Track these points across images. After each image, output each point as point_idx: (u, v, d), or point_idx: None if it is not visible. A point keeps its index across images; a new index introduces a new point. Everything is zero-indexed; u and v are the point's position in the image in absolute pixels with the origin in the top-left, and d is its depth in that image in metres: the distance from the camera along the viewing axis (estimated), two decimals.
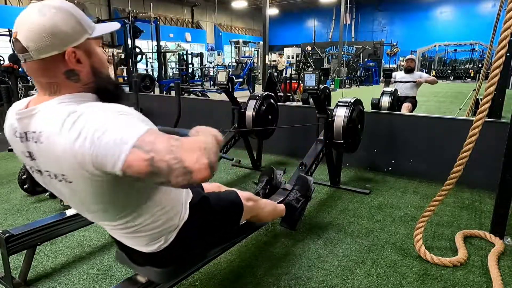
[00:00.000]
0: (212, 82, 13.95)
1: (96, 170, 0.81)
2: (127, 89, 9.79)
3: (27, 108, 0.91)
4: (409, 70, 5.21)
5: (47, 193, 2.69)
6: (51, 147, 0.84)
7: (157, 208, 1.07)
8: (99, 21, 9.85)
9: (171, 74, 15.36)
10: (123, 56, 11.30)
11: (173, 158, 0.74)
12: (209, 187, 1.56)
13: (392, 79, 5.18)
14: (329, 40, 26.16)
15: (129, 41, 9.71)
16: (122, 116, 0.82)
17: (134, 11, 17.99)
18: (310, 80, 2.63)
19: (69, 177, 0.87)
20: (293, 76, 10.15)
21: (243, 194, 1.48)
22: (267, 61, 10.79)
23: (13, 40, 0.88)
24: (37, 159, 0.91)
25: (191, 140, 0.82)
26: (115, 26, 1.03)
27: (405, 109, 4.79)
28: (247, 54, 17.84)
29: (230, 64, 18.57)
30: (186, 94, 9.74)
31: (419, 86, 5.16)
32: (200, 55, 16.42)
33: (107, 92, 0.97)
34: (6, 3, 16.21)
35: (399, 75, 5.29)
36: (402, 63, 18.41)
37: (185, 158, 0.75)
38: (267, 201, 1.80)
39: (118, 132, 0.76)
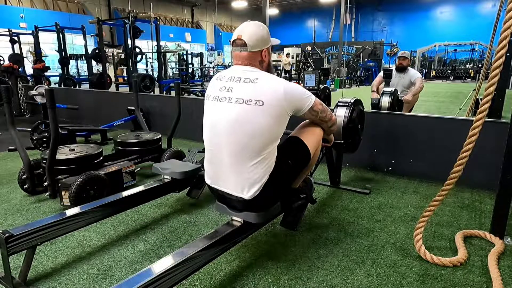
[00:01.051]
0: None
1: (291, 106, 1.65)
2: (127, 89, 9.81)
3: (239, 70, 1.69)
4: (401, 69, 4.71)
5: (47, 193, 2.69)
6: (265, 85, 1.58)
7: (272, 153, 1.66)
8: (99, 21, 9.82)
9: (171, 74, 15.38)
10: (123, 56, 11.30)
11: (326, 111, 1.86)
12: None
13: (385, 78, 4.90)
14: (329, 40, 26.18)
15: (129, 41, 9.71)
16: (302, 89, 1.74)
17: (134, 11, 17.99)
18: (310, 80, 2.63)
19: (265, 102, 1.56)
20: (293, 76, 10.14)
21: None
22: None
23: (237, 39, 1.65)
24: (236, 92, 1.60)
25: (327, 107, 1.87)
26: (278, 40, 1.84)
27: (405, 103, 4.52)
28: None
29: (230, 64, 18.56)
30: (186, 94, 9.75)
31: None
32: (200, 55, 16.44)
33: (271, 73, 1.73)
34: (6, 3, 16.18)
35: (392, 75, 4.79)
36: None
37: (331, 115, 1.90)
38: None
39: (307, 94, 1.73)
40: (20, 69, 9.90)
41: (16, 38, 11.26)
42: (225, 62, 22.13)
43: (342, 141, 2.74)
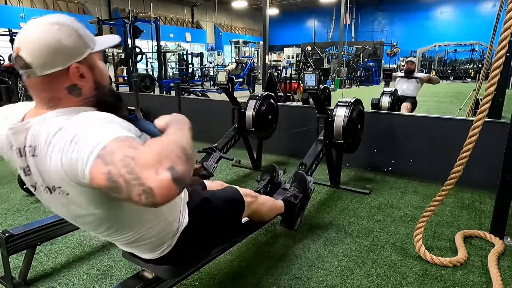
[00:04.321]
0: (212, 82, 13.94)
1: (74, 182, 0.79)
2: (127, 89, 9.81)
3: (22, 122, 0.90)
4: (409, 72, 5.24)
5: None
6: (44, 160, 0.83)
7: (153, 217, 1.06)
8: (99, 21, 9.82)
9: (171, 74, 15.36)
10: (123, 56, 11.30)
11: (129, 173, 0.65)
12: (212, 185, 1.56)
13: (394, 80, 5.20)
14: (329, 40, 26.17)
15: (129, 41, 9.70)
16: (99, 122, 0.79)
17: (134, 11, 18.00)
18: (310, 80, 2.63)
19: (65, 188, 0.86)
20: (293, 76, 10.14)
21: (242, 191, 1.49)
22: (267, 61, 10.79)
23: (15, 56, 0.87)
24: (33, 173, 0.92)
25: (155, 144, 0.71)
26: (115, 39, 1.02)
27: (404, 109, 4.80)
28: (247, 54, 17.84)
29: (230, 64, 18.56)
30: (186, 94, 9.74)
31: (422, 85, 5.19)
32: (200, 55, 16.41)
33: (106, 104, 0.95)
34: (6, 3, 16.19)
35: (399, 79, 5.30)
36: (402, 63, 18.45)
37: (143, 174, 0.65)
38: (266, 197, 1.82)
39: (88, 141, 0.72)
40: None
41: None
42: (225, 62, 22.11)
43: (342, 141, 2.74)
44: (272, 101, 3.47)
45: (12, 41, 11.06)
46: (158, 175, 0.65)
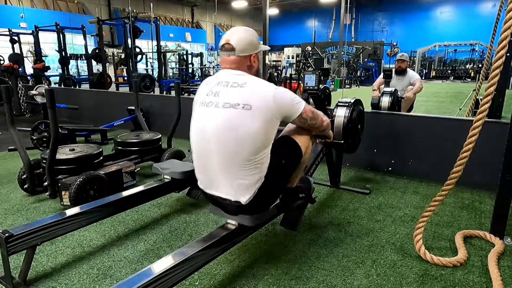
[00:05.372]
0: None
1: (279, 111, 1.55)
2: (127, 89, 9.81)
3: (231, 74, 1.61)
4: (400, 72, 4.74)
5: (47, 193, 2.68)
6: (253, 89, 1.52)
7: (265, 158, 1.59)
8: (99, 21, 9.82)
9: (171, 74, 15.38)
10: (123, 56, 11.30)
11: (319, 118, 1.80)
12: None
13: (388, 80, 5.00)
14: (329, 40, 26.16)
15: (129, 41, 9.70)
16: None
17: (134, 11, 17.99)
18: (310, 80, 2.63)
19: (253, 106, 1.49)
20: (293, 76, 10.13)
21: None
22: (267, 61, 10.78)
23: (225, 43, 1.59)
24: (223, 96, 1.54)
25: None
26: (268, 47, 1.90)
27: (405, 100, 4.52)
28: None
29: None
30: (186, 94, 9.74)
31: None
32: (200, 55, 16.42)
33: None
34: (6, 3, 16.18)
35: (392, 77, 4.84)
36: None
37: (322, 121, 1.83)
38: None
39: (296, 98, 1.63)
40: (20, 69, 9.89)
41: (16, 38, 11.26)
42: None
43: (342, 141, 2.74)
44: None
45: (12, 41, 11.08)
46: (324, 123, 1.85)
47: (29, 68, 11.99)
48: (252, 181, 1.59)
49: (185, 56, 15.00)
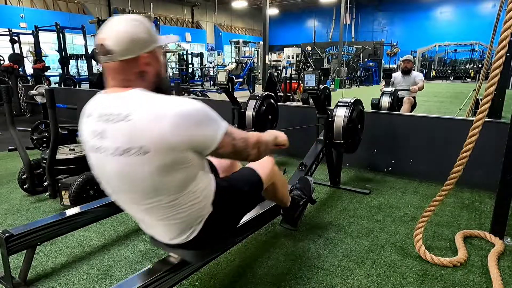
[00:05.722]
0: (212, 82, 13.94)
1: (187, 143, 1.05)
2: None
3: (111, 94, 1.12)
4: (406, 72, 5.18)
5: (47, 193, 2.68)
6: (141, 120, 1.02)
7: (192, 197, 1.18)
8: (99, 21, 9.82)
9: (171, 74, 15.37)
10: None
11: (247, 138, 1.20)
12: (222, 163, 1.61)
13: (392, 80, 5.16)
14: (329, 40, 26.17)
15: None
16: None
17: (134, 11, 18.00)
18: (310, 80, 2.63)
19: (148, 148, 1.02)
20: (293, 76, 10.13)
21: (260, 165, 1.53)
22: (267, 61, 10.78)
23: (99, 44, 1.08)
24: (110, 138, 1.07)
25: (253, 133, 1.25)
26: (174, 38, 1.34)
27: (406, 103, 4.75)
28: (247, 54, 17.84)
29: (230, 64, 18.56)
30: (186, 94, 9.74)
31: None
32: (200, 55, 16.43)
33: (161, 90, 1.15)
34: (6, 3, 16.18)
35: (397, 76, 5.23)
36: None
37: (254, 139, 1.22)
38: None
39: (209, 116, 1.08)
40: (20, 69, 9.89)
41: (16, 38, 11.25)
42: (225, 62, 22.12)
43: (342, 141, 2.74)
44: (272, 101, 3.47)
45: (12, 41, 11.08)
46: (256, 139, 1.25)
47: (29, 68, 11.99)
48: (191, 218, 1.23)
49: (185, 56, 15.00)
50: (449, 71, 21.51)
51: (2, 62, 10.49)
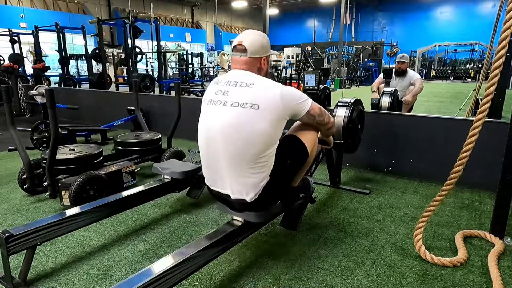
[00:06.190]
0: None
1: (287, 110, 1.62)
2: (127, 89, 9.81)
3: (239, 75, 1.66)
4: (400, 73, 4.69)
5: (47, 193, 2.68)
6: (261, 89, 1.57)
7: (273, 153, 1.64)
8: (99, 21, 9.81)
9: (171, 74, 15.38)
10: (123, 56, 11.30)
11: (326, 115, 1.85)
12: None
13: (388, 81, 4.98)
14: (329, 40, 26.18)
15: (129, 41, 9.70)
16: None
17: (134, 11, 18.00)
18: (310, 80, 2.63)
19: (261, 106, 1.54)
20: (293, 76, 10.12)
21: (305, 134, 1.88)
22: None
23: (237, 44, 1.68)
24: (232, 95, 1.59)
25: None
26: (276, 53, 1.98)
27: (405, 104, 4.54)
28: None
29: (229, 64, 18.53)
30: (186, 94, 9.74)
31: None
32: (200, 55, 16.42)
33: None
34: (6, 3, 16.18)
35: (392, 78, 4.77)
36: None
37: (329, 118, 1.88)
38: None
39: (303, 96, 1.69)
40: (20, 69, 9.90)
41: (16, 38, 11.27)
42: None
43: (342, 141, 2.74)
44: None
45: (12, 41, 11.08)
46: (330, 120, 1.90)
47: (29, 68, 12.00)
48: (257, 180, 1.63)
49: (185, 56, 15.00)
50: (449, 71, 21.53)
51: (2, 62, 10.51)
